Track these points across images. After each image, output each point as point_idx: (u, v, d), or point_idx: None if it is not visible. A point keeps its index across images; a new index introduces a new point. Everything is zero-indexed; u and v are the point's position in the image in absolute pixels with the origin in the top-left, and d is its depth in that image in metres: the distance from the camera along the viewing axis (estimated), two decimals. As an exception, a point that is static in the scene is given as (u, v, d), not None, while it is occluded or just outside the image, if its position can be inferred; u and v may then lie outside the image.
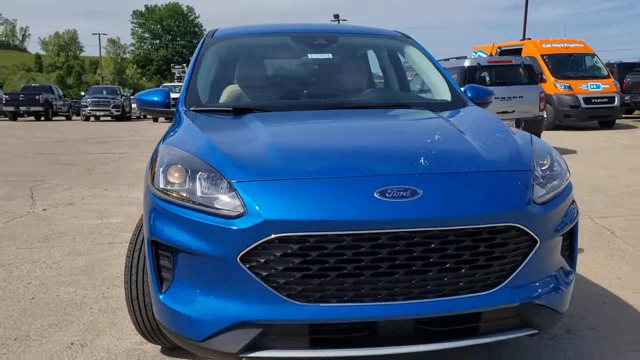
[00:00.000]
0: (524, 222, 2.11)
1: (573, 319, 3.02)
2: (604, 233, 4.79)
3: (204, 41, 3.67)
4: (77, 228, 5.11)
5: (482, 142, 2.43)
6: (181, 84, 26.45)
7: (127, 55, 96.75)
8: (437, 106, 3.19)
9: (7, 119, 28.16)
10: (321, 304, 2.00)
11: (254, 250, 1.97)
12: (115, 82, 72.82)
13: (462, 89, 3.54)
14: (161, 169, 2.24)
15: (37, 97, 27.66)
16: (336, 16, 50.01)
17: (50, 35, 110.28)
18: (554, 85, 15.81)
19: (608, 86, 15.87)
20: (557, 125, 15.92)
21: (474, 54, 19.53)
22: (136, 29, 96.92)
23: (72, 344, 2.78)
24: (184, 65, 35.31)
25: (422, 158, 2.22)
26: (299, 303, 1.99)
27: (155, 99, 3.28)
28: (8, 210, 5.85)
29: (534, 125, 10.38)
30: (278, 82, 3.65)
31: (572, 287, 2.41)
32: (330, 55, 3.63)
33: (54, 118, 29.56)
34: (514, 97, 10.59)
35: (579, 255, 4.12)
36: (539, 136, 11.41)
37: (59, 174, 8.52)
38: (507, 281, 2.12)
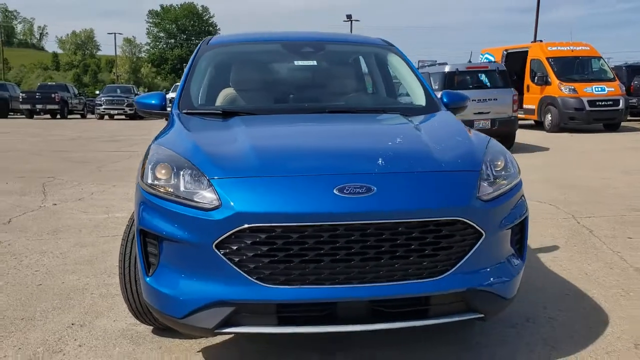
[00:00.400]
0: (469, 217, 2.37)
1: (535, 308, 3.27)
2: (582, 232, 5.01)
3: (199, 48, 3.95)
4: (85, 221, 5.44)
5: (439, 145, 2.70)
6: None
7: (143, 54, 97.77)
8: (410, 111, 3.46)
9: (23, 116, 28.75)
10: (286, 286, 2.27)
11: (228, 239, 2.25)
12: (130, 81, 73.75)
13: (439, 94, 3.80)
14: (150, 167, 2.53)
15: (53, 95, 28.20)
16: (349, 16, 50.28)
17: (67, 34, 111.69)
18: (558, 88, 15.95)
19: (613, 89, 15.96)
20: (561, 128, 16.05)
21: (481, 57, 19.71)
22: (152, 28, 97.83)
23: (72, 324, 3.08)
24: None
25: (380, 159, 2.49)
26: (267, 285, 2.27)
27: (153, 102, 3.57)
28: (21, 204, 6.20)
29: (507, 125, 11.76)
30: (266, 87, 3.92)
31: (520, 276, 2.65)
32: (315, 62, 3.91)
33: (69, 116, 30.10)
34: (489, 100, 11.68)
35: (555, 252, 4.41)
36: (513, 135, 12.05)
37: (71, 171, 8.88)
38: (453, 269, 2.37)
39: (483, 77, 12.29)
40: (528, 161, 9.52)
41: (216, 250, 2.26)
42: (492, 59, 18.60)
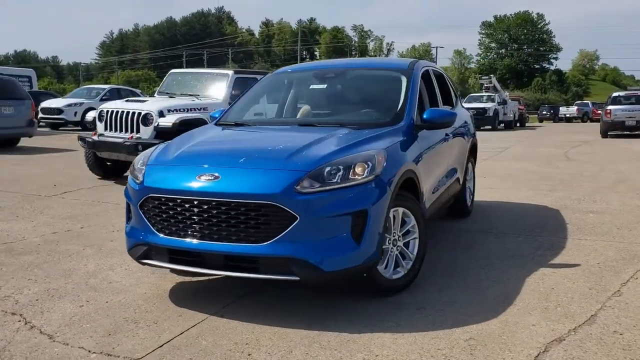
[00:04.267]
0: (283, 203, 3.28)
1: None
2: None
3: (265, 76, 5.35)
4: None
5: (308, 151, 3.59)
6: (486, 93, 27.15)
7: (472, 65, 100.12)
8: (369, 125, 4.26)
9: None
10: (172, 237, 3.57)
11: (144, 202, 3.66)
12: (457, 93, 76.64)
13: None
14: (135, 159, 4.08)
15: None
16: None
17: (408, 49, 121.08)
18: None
19: None
20: None
21: None
22: (483, 39, 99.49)
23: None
24: (491, 76, 35.73)
25: (244, 158, 3.58)
26: (162, 235, 3.60)
27: (213, 115, 5.12)
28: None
29: None
30: (281, 104, 5.11)
31: (351, 255, 3.39)
32: (325, 86, 4.92)
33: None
34: None
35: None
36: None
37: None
38: (275, 239, 3.32)
39: None
40: None
41: (139, 209, 3.69)
42: None
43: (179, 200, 3.50)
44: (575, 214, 6.66)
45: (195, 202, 3.45)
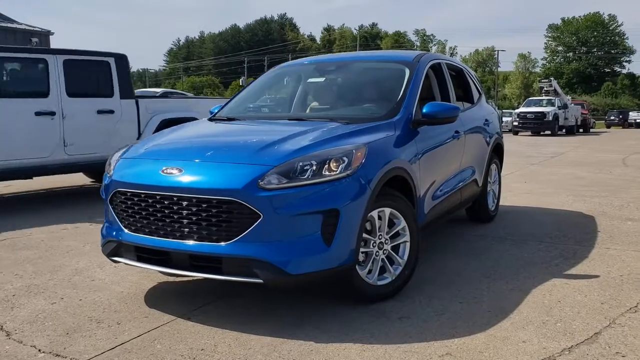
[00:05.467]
0: (245, 199, 3.05)
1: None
2: None
3: (267, 72, 5.14)
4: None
5: (282, 146, 3.35)
6: (546, 97, 26.09)
7: (536, 70, 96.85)
8: (361, 119, 3.96)
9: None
10: (137, 234, 3.40)
11: (113, 197, 3.52)
12: (521, 97, 74.27)
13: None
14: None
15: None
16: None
17: (470, 53, 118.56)
18: None
19: None
20: None
21: None
22: (550, 42, 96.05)
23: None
24: (551, 78, 34.20)
25: (211, 151, 3.37)
26: (129, 232, 3.44)
27: (212, 110, 4.95)
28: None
29: None
30: (275, 99, 4.87)
31: (319, 257, 3.11)
32: (323, 79, 4.65)
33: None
34: None
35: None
36: None
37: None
38: (237, 238, 3.09)
39: None
40: None
41: (109, 204, 3.55)
42: None
43: (142, 195, 3.33)
44: (612, 221, 6.10)
45: (158, 197, 3.26)
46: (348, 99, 4.58)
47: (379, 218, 3.54)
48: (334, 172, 3.18)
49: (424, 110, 4.07)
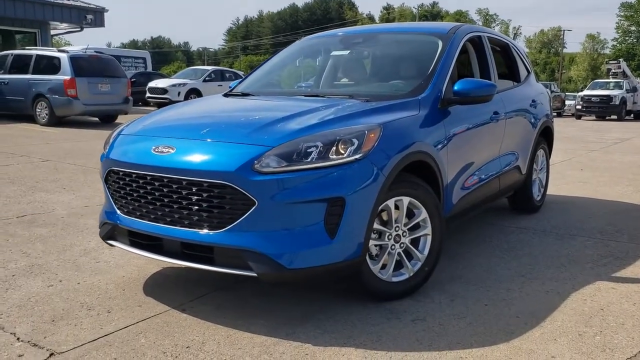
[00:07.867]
0: (238, 184, 2.73)
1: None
2: None
3: (293, 43, 4.77)
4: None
5: (288, 124, 3.01)
6: (613, 80, 24.70)
7: (606, 51, 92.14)
8: (382, 97, 3.57)
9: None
10: (130, 217, 3.14)
11: (107, 176, 3.27)
12: (587, 80, 70.97)
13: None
14: None
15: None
16: None
17: (535, 33, 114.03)
18: None
19: None
20: None
21: None
22: (622, 22, 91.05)
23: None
24: (620, 60, 32.24)
25: (208, 129, 3.06)
26: (122, 214, 3.19)
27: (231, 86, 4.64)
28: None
29: None
30: (295, 74, 4.49)
31: (321, 251, 2.78)
32: (347, 52, 4.24)
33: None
34: None
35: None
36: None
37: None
38: (230, 226, 2.79)
39: None
40: None
41: (104, 183, 3.31)
42: None
43: (134, 176, 3.06)
44: (676, 217, 5.47)
45: (149, 178, 2.99)
46: (373, 74, 4.18)
47: (396, 208, 3.16)
48: (342, 156, 2.81)
49: (455, 88, 3.63)
